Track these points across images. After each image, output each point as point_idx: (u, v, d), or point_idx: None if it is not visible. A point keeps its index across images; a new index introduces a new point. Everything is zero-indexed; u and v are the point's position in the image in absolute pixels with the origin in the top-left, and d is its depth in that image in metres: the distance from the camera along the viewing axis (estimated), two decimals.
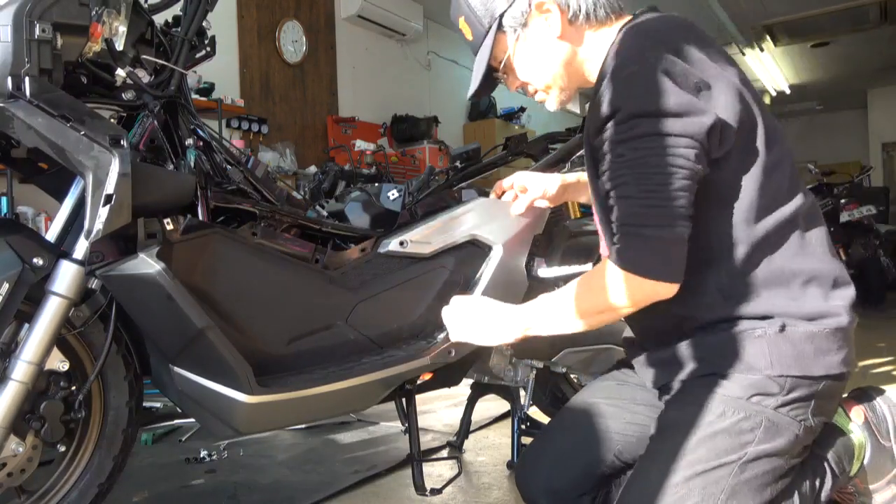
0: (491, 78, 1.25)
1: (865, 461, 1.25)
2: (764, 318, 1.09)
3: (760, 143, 1.08)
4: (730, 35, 6.86)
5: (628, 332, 1.32)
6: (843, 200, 5.33)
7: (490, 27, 1.18)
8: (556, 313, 1.16)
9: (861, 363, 3.39)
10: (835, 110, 10.87)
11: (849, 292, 1.13)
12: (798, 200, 1.13)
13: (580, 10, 1.15)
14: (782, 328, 1.08)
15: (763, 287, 1.09)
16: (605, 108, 1.06)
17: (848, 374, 1.13)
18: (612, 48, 1.10)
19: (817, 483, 1.18)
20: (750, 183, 1.08)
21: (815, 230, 1.14)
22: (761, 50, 7.43)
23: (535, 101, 1.30)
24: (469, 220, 1.51)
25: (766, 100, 9.53)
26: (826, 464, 1.21)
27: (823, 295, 1.10)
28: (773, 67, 8.22)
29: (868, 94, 10.10)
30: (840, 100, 10.26)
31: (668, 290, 1.06)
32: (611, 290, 1.08)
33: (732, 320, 1.10)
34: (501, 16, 1.18)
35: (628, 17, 1.17)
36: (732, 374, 1.10)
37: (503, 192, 1.57)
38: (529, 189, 1.51)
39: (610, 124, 1.06)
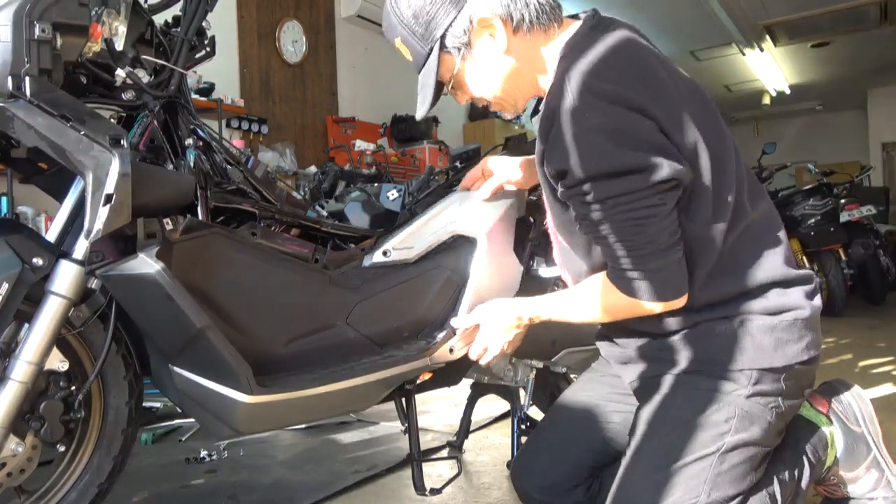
0: (438, 94, 1.21)
1: (840, 449, 1.29)
2: (725, 317, 1.13)
3: (710, 169, 1.10)
4: (730, 35, 6.86)
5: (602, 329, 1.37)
6: (843, 200, 5.32)
7: (431, 49, 1.14)
8: (575, 310, 1.24)
9: (861, 363, 3.39)
10: (835, 110, 10.87)
11: (808, 287, 1.17)
12: (754, 209, 1.16)
13: (524, 19, 1.11)
14: (742, 323, 1.12)
15: (723, 294, 1.14)
16: (554, 166, 1.09)
17: (816, 357, 1.17)
18: (555, 91, 1.08)
19: (796, 473, 1.22)
20: (704, 204, 1.11)
21: (770, 236, 1.18)
22: (761, 50, 7.43)
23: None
24: (447, 216, 1.49)
25: (766, 100, 9.53)
26: (803, 456, 1.25)
27: (782, 293, 1.14)
28: (773, 67, 8.22)
29: (868, 94, 10.10)
30: (840, 100, 10.25)
31: (677, 303, 1.12)
32: (627, 308, 1.15)
33: (695, 324, 1.15)
34: (443, 37, 1.13)
35: (572, 26, 1.15)
36: (700, 370, 1.15)
37: (472, 183, 1.55)
38: (495, 174, 1.49)
39: (564, 182, 1.09)
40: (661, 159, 1.02)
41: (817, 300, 1.17)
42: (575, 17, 1.18)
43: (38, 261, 1.16)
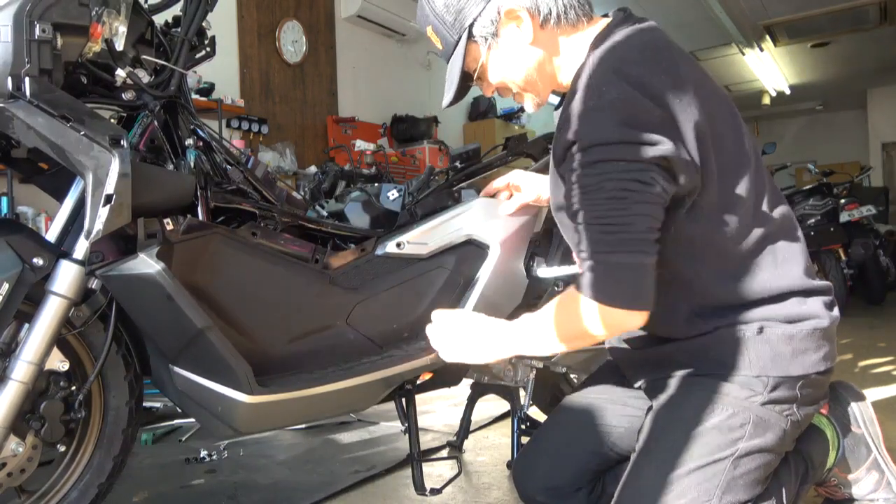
0: (465, 85, 1.22)
1: (840, 451, 1.30)
2: (743, 323, 1.12)
3: (727, 171, 1.08)
4: (730, 35, 6.86)
5: None
6: (843, 200, 5.32)
7: (460, 38, 1.16)
8: (538, 338, 1.15)
9: (861, 363, 3.39)
10: (835, 110, 10.87)
11: (827, 298, 1.16)
12: (774, 217, 1.15)
13: (551, 14, 1.13)
14: (760, 330, 1.10)
15: (741, 299, 1.12)
16: (564, 139, 1.06)
17: (831, 368, 1.16)
18: (581, 72, 1.09)
19: (798, 475, 1.22)
20: (714, 199, 1.09)
21: (790, 245, 1.16)
22: (761, 50, 7.43)
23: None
24: (465, 220, 1.51)
25: (766, 100, 9.53)
26: (805, 457, 1.25)
27: (801, 301, 1.13)
28: (773, 67, 8.22)
29: (868, 94, 10.09)
30: (840, 100, 10.25)
31: (636, 318, 1.04)
32: (583, 319, 1.06)
33: (713, 329, 1.13)
34: (471, 26, 1.15)
35: (601, 22, 1.16)
36: (716, 375, 1.13)
37: (496, 192, 1.57)
38: (522, 189, 1.51)
39: (568, 155, 1.06)
40: (664, 139, 1.01)
41: (836, 311, 1.16)
42: (605, 16, 1.19)
43: (38, 261, 1.16)
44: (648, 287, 1.04)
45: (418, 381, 1.57)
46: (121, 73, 1.23)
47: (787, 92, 9.36)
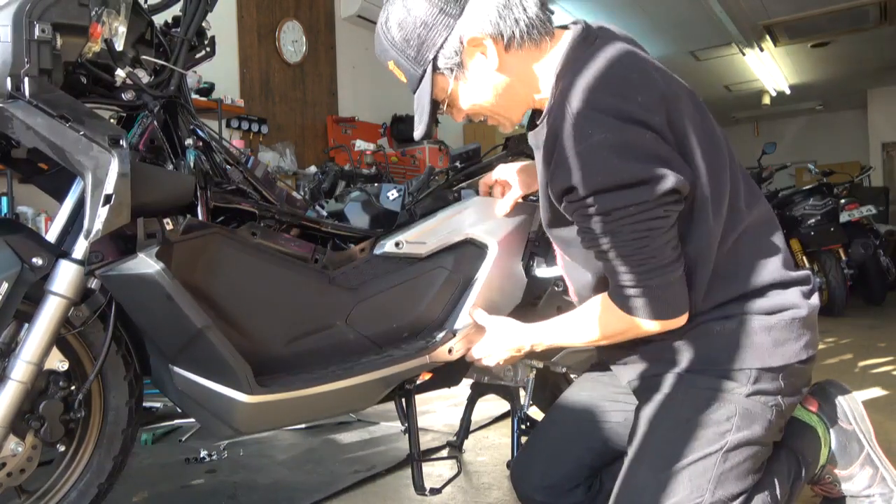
0: (436, 112, 1.21)
1: (833, 448, 1.30)
2: (724, 317, 1.14)
3: (707, 176, 1.10)
4: (730, 35, 6.86)
5: None
6: (843, 200, 5.32)
7: (424, 71, 1.14)
8: (580, 342, 1.24)
9: (861, 363, 3.39)
10: (835, 110, 10.87)
11: (805, 287, 1.18)
12: (751, 212, 1.17)
13: (514, 36, 1.11)
14: (740, 323, 1.13)
15: (722, 298, 1.14)
16: (559, 184, 1.08)
17: (814, 356, 1.18)
18: (554, 110, 1.09)
19: (791, 473, 1.23)
20: (704, 214, 1.10)
21: (768, 238, 1.18)
22: (761, 50, 7.43)
23: None
24: (463, 219, 1.50)
25: (766, 100, 9.53)
26: (797, 455, 1.26)
27: (779, 293, 1.15)
28: (773, 67, 8.22)
29: (868, 94, 10.10)
30: (840, 100, 10.25)
31: (683, 319, 1.12)
32: (639, 328, 1.13)
33: (695, 326, 1.15)
34: (435, 58, 1.13)
35: (564, 37, 1.15)
36: (699, 370, 1.15)
37: (490, 188, 1.57)
38: (512, 185, 1.51)
39: (568, 198, 1.08)
40: (666, 171, 1.02)
41: (814, 299, 1.18)
42: (564, 27, 1.18)
43: (37, 261, 1.16)
44: (684, 294, 1.10)
45: (418, 381, 1.57)
46: (120, 73, 1.23)
47: (787, 92, 9.36)
